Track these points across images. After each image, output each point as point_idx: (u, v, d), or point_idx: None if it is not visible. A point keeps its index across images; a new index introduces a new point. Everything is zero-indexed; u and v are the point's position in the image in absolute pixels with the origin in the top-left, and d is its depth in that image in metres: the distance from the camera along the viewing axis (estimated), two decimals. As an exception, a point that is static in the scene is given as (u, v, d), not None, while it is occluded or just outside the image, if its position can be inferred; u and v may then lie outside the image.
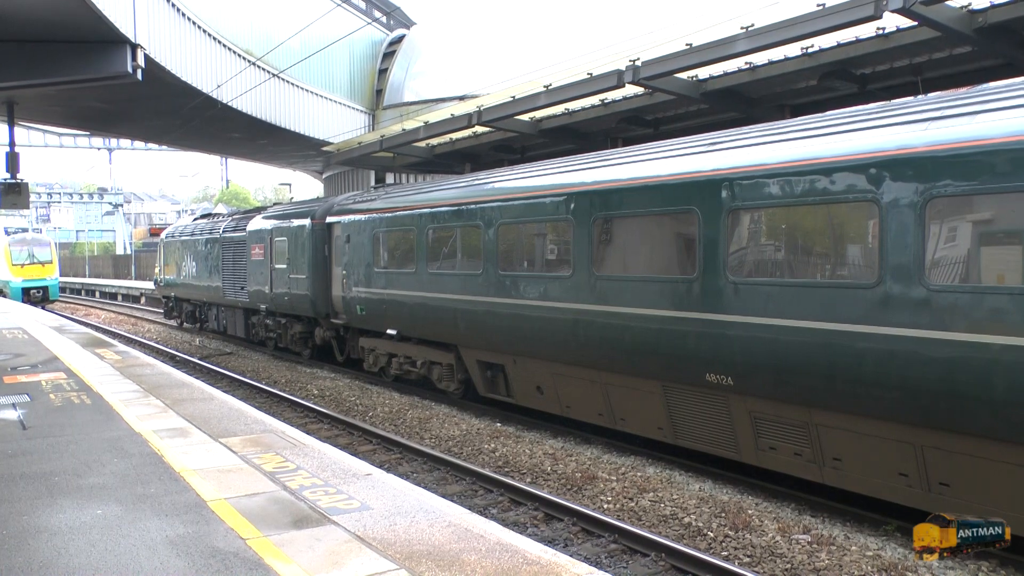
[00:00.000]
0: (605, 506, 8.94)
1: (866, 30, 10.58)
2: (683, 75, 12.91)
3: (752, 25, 11.03)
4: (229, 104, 25.53)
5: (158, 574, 4.69)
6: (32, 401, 10.16)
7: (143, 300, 45.29)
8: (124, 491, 6.34)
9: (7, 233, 46.81)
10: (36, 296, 40.77)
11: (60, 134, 68.75)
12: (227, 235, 24.60)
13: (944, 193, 6.80)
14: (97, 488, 6.44)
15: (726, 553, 7.57)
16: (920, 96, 8.47)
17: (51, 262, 42.51)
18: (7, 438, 8.19)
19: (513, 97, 15.81)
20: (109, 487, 6.46)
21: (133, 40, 16.27)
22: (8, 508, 5.95)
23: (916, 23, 9.90)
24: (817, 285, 7.84)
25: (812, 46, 11.25)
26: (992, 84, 7.63)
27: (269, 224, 21.32)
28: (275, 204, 27.45)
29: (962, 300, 6.69)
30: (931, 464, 7.28)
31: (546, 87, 14.84)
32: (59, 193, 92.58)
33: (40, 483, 6.59)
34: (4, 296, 40.86)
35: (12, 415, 9.34)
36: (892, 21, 10.24)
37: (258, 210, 25.00)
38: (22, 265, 41.17)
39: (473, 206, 12.98)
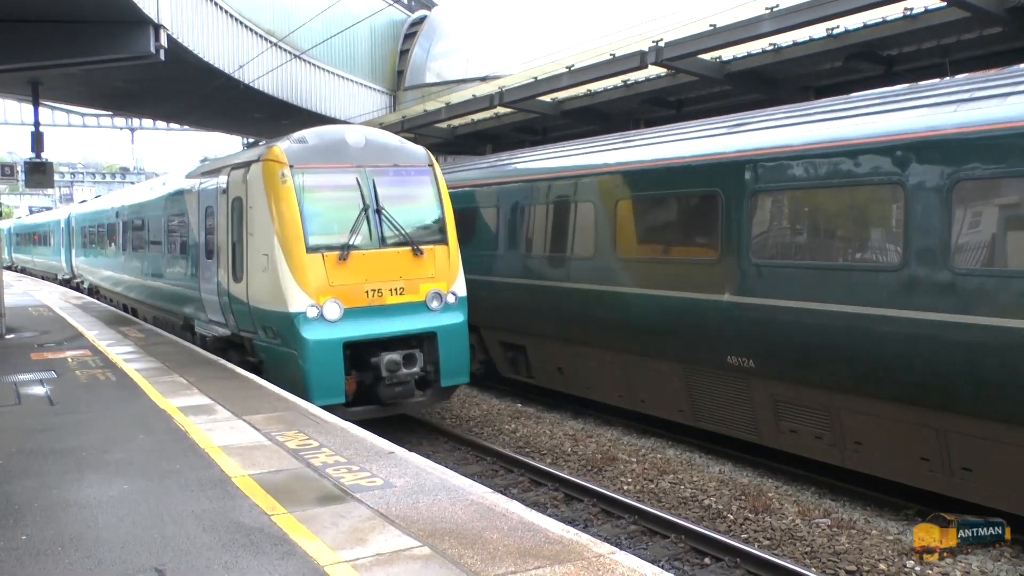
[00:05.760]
0: (625, 487, 8.98)
1: (894, 11, 10.45)
2: (706, 56, 12.83)
3: (777, 6, 10.94)
4: (251, 85, 25.56)
5: (185, 548, 4.76)
6: (59, 378, 10.31)
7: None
8: (150, 466, 6.43)
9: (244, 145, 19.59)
10: (400, 377, 9.94)
11: (83, 114, 69.04)
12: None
13: (972, 176, 6.72)
14: (124, 463, 6.53)
15: (746, 536, 7.59)
16: (948, 78, 8.35)
17: (444, 240, 10.97)
18: (36, 414, 8.33)
19: (535, 78, 15.76)
20: (135, 462, 6.55)
21: (156, 21, 16.28)
22: (38, 482, 6.06)
23: (945, 3, 9.77)
24: (840, 268, 7.79)
25: (838, 27, 11.14)
26: (1023, 65, 7.50)
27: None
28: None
29: (988, 284, 6.62)
30: (954, 449, 7.24)
31: (568, 68, 14.78)
32: (82, 172, 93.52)
33: (68, 458, 6.70)
34: (280, 370, 10.30)
35: (40, 391, 9.49)
36: (920, 2, 10.12)
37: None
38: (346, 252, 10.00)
39: (494, 186, 12.96)
